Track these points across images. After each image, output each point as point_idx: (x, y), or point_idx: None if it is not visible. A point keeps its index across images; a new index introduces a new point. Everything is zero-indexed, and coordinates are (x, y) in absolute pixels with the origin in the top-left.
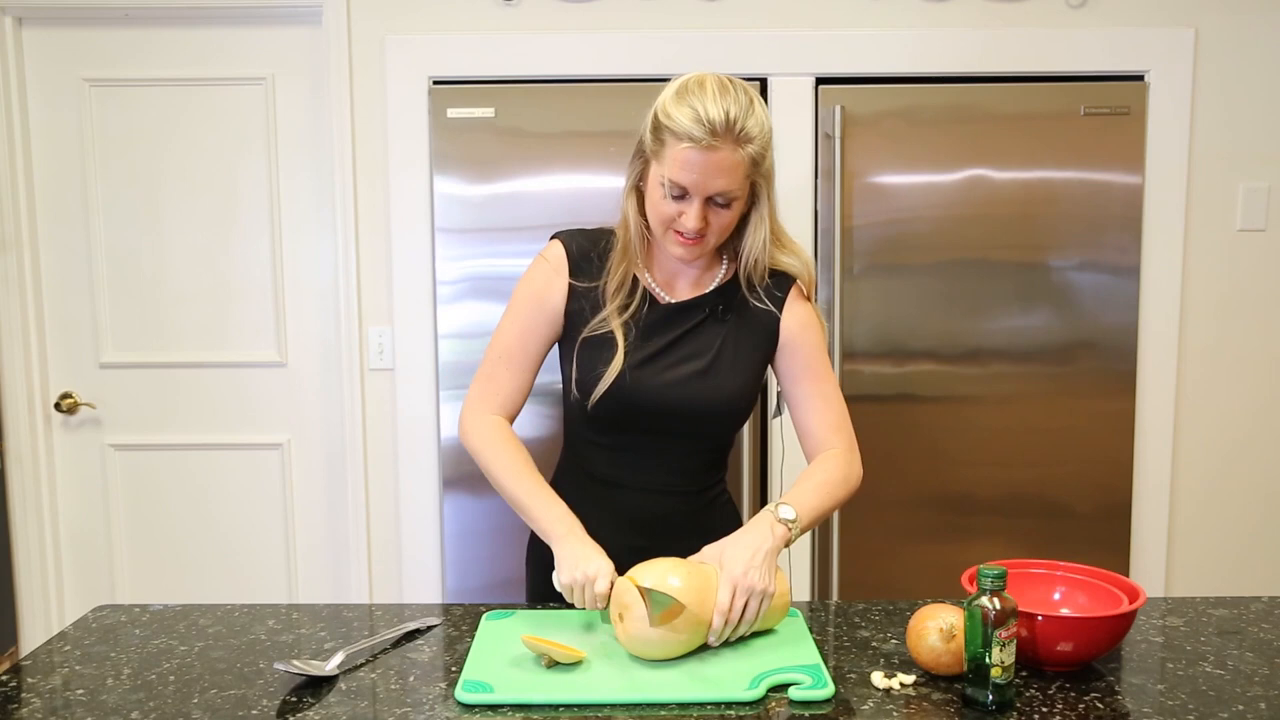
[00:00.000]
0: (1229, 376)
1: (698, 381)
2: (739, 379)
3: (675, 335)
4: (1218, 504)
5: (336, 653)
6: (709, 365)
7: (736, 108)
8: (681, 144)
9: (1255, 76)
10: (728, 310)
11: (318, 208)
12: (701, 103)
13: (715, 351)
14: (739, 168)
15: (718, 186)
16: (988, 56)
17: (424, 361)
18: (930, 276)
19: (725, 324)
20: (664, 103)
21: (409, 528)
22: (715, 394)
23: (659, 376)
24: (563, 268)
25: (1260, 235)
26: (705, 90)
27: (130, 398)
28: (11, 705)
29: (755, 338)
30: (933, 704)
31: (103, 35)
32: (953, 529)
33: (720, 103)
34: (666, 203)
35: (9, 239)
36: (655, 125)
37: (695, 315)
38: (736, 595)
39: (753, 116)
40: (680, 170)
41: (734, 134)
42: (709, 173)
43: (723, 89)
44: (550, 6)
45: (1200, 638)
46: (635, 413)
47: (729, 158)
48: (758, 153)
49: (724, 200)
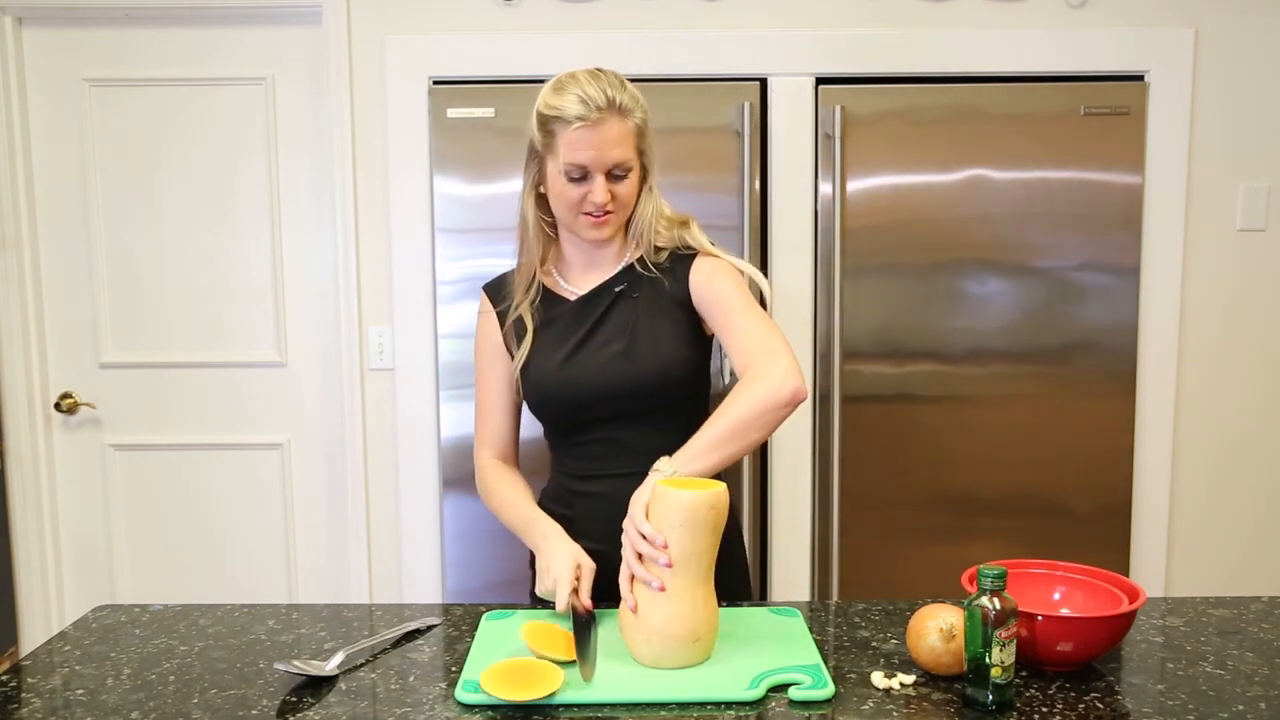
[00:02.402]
0: (1229, 376)
1: (622, 361)
2: (663, 350)
3: (590, 324)
4: (1218, 504)
5: (336, 653)
6: (627, 345)
7: (610, 87)
8: (571, 127)
9: (1255, 76)
10: (634, 288)
11: (318, 207)
12: (579, 87)
13: (630, 330)
14: (628, 137)
15: (614, 157)
16: (988, 56)
17: (424, 361)
18: (930, 276)
19: (635, 301)
20: (543, 100)
21: (409, 528)
22: (641, 369)
23: (583, 365)
24: (489, 308)
25: (1260, 235)
26: (578, 78)
27: (130, 398)
28: (11, 705)
29: (669, 307)
30: (933, 704)
31: (103, 35)
32: (953, 529)
33: (595, 84)
34: (570, 188)
35: (9, 239)
36: (542, 121)
37: (604, 300)
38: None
39: (626, 91)
40: (576, 151)
41: (615, 107)
42: (603, 145)
43: (593, 75)
44: (550, 6)
45: (1200, 638)
46: (575, 407)
47: (617, 128)
48: (640, 122)
49: (621, 171)
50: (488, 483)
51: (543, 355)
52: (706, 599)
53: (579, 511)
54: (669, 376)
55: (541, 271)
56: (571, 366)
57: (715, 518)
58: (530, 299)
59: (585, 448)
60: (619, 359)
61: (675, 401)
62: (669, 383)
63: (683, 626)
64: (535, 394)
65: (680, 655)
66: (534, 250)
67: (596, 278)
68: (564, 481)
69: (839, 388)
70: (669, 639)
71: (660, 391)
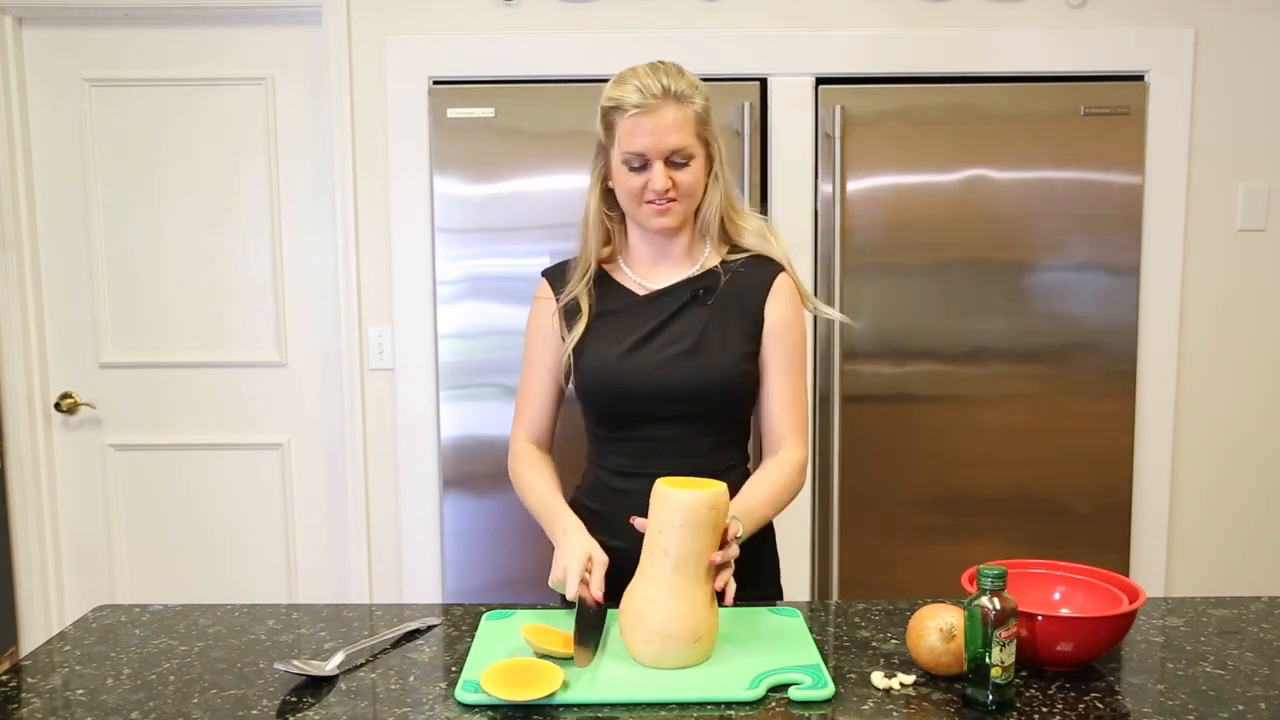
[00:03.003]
0: (1229, 376)
1: (685, 361)
2: (727, 358)
3: (656, 322)
4: (1218, 504)
5: (336, 653)
6: (694, 346)
7: (667, 76)
8: (628, 114)
9: (1255, 76)
10: (709, 294)
11: (318, 207)
12: (636, 79)
13: (700, 333)
14: (687, 124)
15: (671, 143)
16: (988, 56)
17: (424, 361)
18: (930, 276)
19: (708, 308)
20: (604, 94)
21: (409, 528)
22: (703, 372)
23: (643, 361)
24: (547, 293)
25: (1260, 235)
26: (636, 71)
27: (130, 398)
28: (11, 705)
29: (739, 321)
30: (933, 704)
31: (103, 35)
32: (953, 529)
33: (652, 75)
34: (631, 177)
35: (9, 239)
36: (603, 114)
37: (676, 300)
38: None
39: (684, 79)
40: (634, 138)
41: (671, 94)
42: (660, 132)
43: (651, 67)
44: (550, 6)
45: (1200, 638)
46: (627, 401)
47: (674, 114)
48: (700, 109)
49: (682, 158)
50: (519, 466)
51: (602, 345)
52: (707, 599)
53: (615, 508)
54: (729, 385)
55: (610, 265)
56: (630, 360)
57: (715, 518)
58: (586, 287)
59: (629, 444)
60: (683, 360)
61: (729, 410)
62: (728, 391)
63: (683, 626)
64: (588, 383)
65: (680, 655)
66: (592, 244)
67: (666, 272)
68: (603, 476)
69: (839, 388)
70: (669, 639)
71: (718, 398)
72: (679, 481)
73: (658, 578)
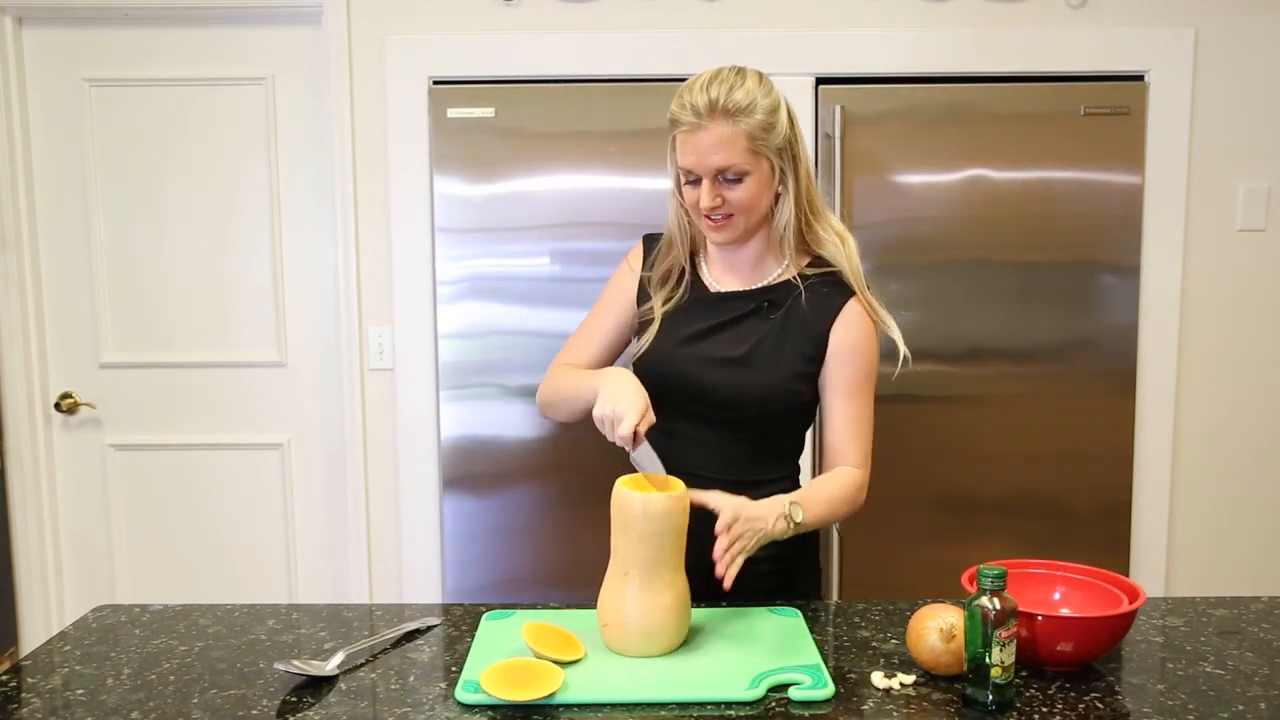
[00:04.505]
0: (1229, 376)
1: (730, 368)
2: (773, 375)
3: (716, 322)
4: (1218, 504)
5: (336, 653)
6: (744, 355)
7: (720, 89)
8: (680, 130)
9: (1255, 76)
10: (775, 308)
11: (318, 208)
12: (690, 92)
13: (754, 344)
14: (735, 141)
15: (716, 162)
16: (988, 56)
17: (424, 361)
18: (930, 276)
19: (770, 322)
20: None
21: (409, 528)
22: (745, 383)
23: (695, 356)
24: (638, 263)
25: (1260, 235)
26: (697, 81)
27: (130, 398)
28: (11, 705)
29: (800, 341)
30: (933, 704)
31: (103, 35)
32: (953, 529)
33: (706, 88)
34: (687, 190)
35: (9, 239)
36: (669, 124)
37: (740, 307)
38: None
39: (740, 90)
40: (684, 155)
41: (718, 111)
42: (704, 151)
43: (713, 76)
44: (550, 6)
45: (1200, 638)
46: (668, 389)
47: (720, 133)
48: (757, 125)
49: (733, 175)
50: (549, 376)
51: (665, 330)
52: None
53: None
54: (768, 400)
55: (696, 257)
56: (683, 352)
57: (678, 515)
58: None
59: (666, 436)
60: (727, 366)
61: (768, 424)
62: (766, 405)
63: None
64: (642, 364)
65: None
66: (675, 243)
67: (735, 279)
68: None
69: None
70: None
71: (755, 410)
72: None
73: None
